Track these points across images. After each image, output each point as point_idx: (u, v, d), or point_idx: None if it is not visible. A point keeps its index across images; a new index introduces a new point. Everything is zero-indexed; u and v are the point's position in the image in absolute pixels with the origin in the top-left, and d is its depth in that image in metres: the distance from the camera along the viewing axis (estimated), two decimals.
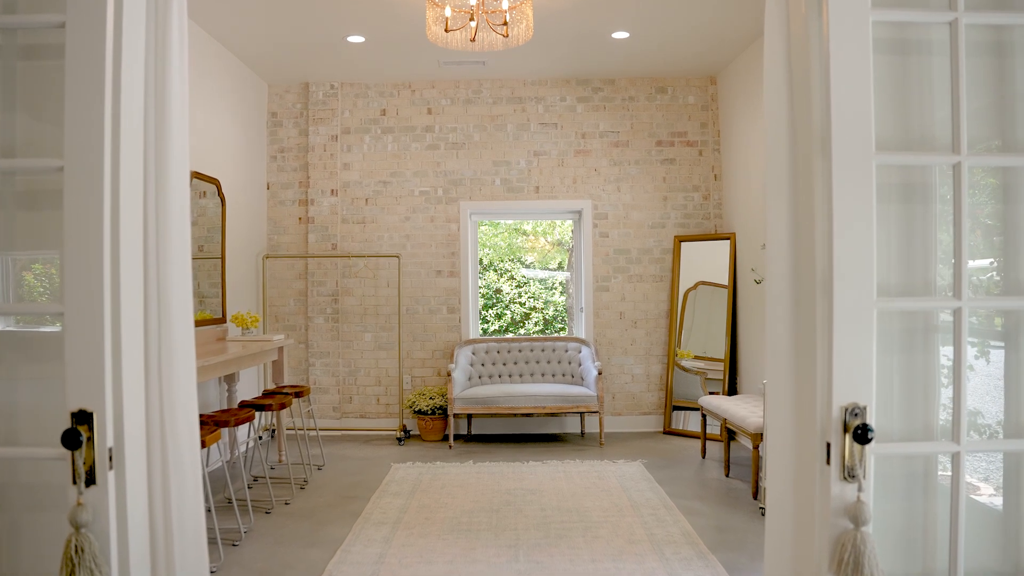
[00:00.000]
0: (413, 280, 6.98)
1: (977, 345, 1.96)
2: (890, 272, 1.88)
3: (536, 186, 7.00)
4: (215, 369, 4.53)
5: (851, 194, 1.74)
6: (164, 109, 1.93)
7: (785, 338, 1.90)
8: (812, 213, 1.81)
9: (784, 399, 1.89)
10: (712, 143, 6.97)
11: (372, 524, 4.22)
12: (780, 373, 1.91)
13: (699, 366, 6.67)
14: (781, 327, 1.91)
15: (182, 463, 2.05)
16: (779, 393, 1.89)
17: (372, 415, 6.94)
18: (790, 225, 1.90)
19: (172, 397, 2.03)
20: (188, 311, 2.06)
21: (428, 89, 7.00)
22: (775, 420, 1.92)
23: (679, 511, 4.39)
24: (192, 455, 2.08)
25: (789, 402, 1.90)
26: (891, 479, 1.89)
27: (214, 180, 5.76)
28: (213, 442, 3.73)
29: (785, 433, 1.91)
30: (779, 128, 1.95)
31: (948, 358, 1.82)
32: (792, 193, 1.90)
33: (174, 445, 2.03)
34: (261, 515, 4.42)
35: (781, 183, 1.93)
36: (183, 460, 2.05)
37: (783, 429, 1.91)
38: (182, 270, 2.05)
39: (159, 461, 2.00)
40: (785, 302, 1.91)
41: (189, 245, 2.08)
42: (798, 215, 1.89)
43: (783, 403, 1.89)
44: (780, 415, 1.90)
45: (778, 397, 1.89)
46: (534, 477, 5.22)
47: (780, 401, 1.89)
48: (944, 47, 1.81)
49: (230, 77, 6.18)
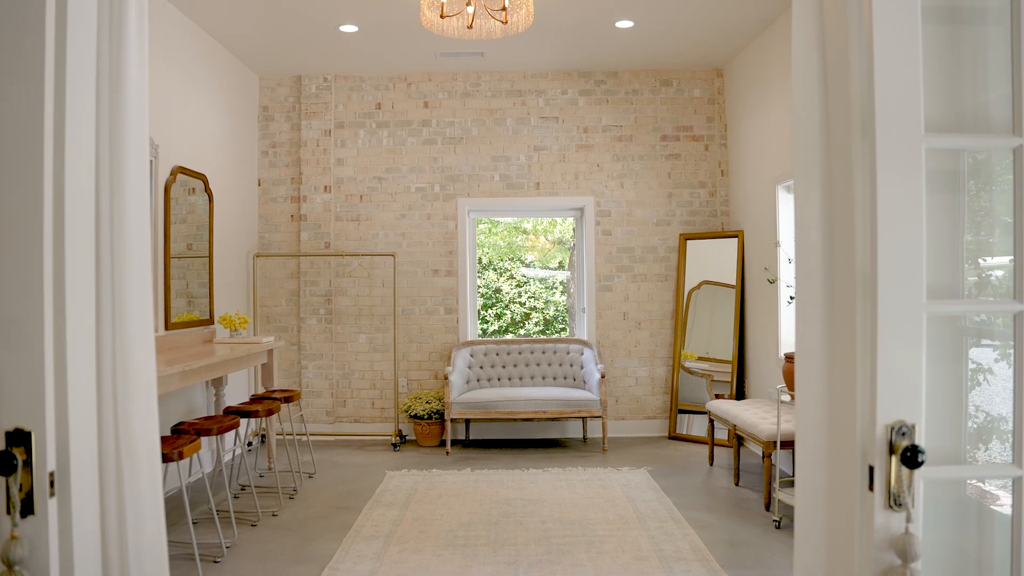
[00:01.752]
0: (409, 280, 6.76)
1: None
2: (937, 272, 1.67)
3: (536, 182, 6.77)
4: (198, 374, 4.31)
5: (897, 181, 1.52)
6: (120, 88, 1.71)
7: (818, 346, 1.67)
8: (851, 204, 1.57)
9: (816, 415, 1.66)
10: (719, 138, 6.75)
11: (363, 538, 3.99)
12: (812, 385, 1.68)
13: (705, 368, 6.45)
14: (813, 333, 1.68)
15: (140, 487, 1.83)
16: (811, 408, 1.66)
17: (366, 420, 6.72)
18: (823, 218, 1.67)
19: (129, 413, 1.81)
20: (147, 315, 1.83)
21: (425, 82, 6.77)
22: (806, 438, 1.69)
23: (688, 523, 4.16)
24: (152, 478, 1.86)
25: (822, 418, 1.66)
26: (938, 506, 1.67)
27: (201, 176, 5.54)
28: (192, 452, 3.50)
29: (817, 453, 1.68)
30: (810, 110, 1.72)
31: (982, 364, 1.62)
32: (826, 182, 1.67)
33: (131, 467, 1.81)
34: (246, 528, 4.20)
35: (812, 171, 1.70)
36: (141, 484, 1.83)
37: (815, 448, 1.68)
38: (141, 269, 1.82)
39: (113, 485, 1.77)
40: (818, 305, 1.67)
41: (149, 242, 1.86)
42: (833, 207, 1.66)
43: (815, 419, 1.66)
44: (811, 433, 1.67)
45: (809, 412, 1.66)
46: (535, 486, 4.99)
47: (812, 417, 1.66)
48: (1002, 15, 1.59)
49: (219, 69, 5.95)
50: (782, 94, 5.45)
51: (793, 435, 4.27)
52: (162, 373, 3.82)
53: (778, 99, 5.53)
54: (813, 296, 1.67)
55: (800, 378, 1.69)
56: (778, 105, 5.53)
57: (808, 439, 1.66)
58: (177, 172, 5.11)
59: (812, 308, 1.67)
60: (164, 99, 5.01)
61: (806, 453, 1.67)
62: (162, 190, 4.95)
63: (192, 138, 5.49)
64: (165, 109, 5.02)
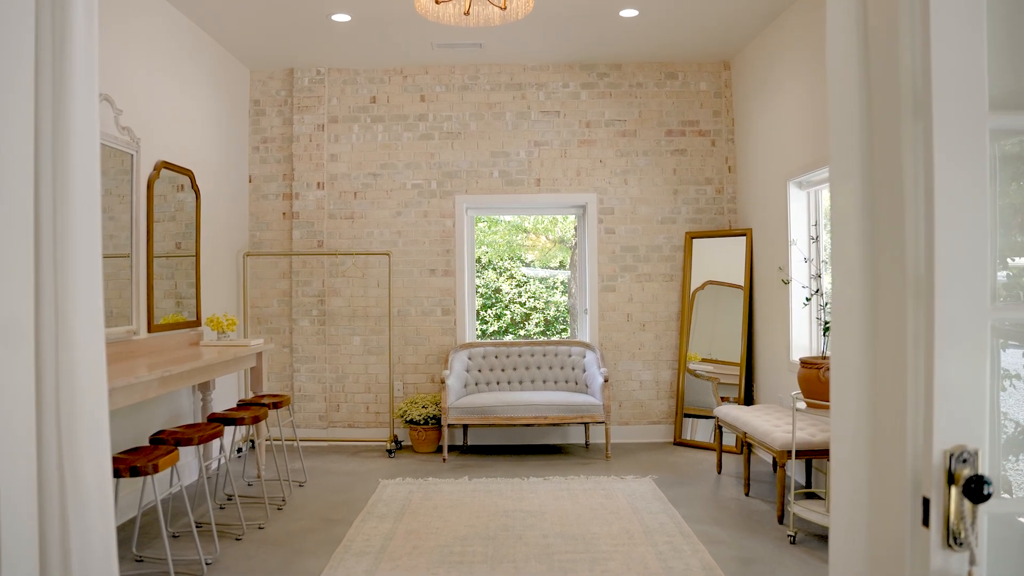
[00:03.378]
0: (405, 279, 6.53)
1: None
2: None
3: (537, 178, 6.54)
4: (179, 379, 4.08)
5: (959, 167, 1.28)
6: (65, 55, 1.48)
7: (858, 357, 1.44)
8: (899, 194, 1.34)
9: (855, 437, 1.43)
10: (726, 133, 6.51)
11: (353, 554, 3.76)
12: (850, 402, 1.45)
13: (711, 371, 6.22)
14: (851, 342, 1.45)
15: (88, 522, 1.61)
16: (848, 427, 1.43)
17: (361, 425, 6.49)
18: (864, 211, 1.44)
19: (75, 437, 1.59)
20: (97, 320, 1.61)
21: (421, 75, 6.54)
22: (842, 464, 1.46)
23: (697, 538, 3.93)
24: (103, 510, 1.64)
25: (862, 441, 1.43)
26: (1001, 543, 1.45)
27: (187, 171, 5.31)
28: (168, 465, 3.28)
29: (856, 481, 1.45)
30: (847, 86, 1.48)
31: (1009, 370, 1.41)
32: (867, 170, 1.44)
33: (76, 497, 1.59)
34: (230, 542, 3.97)
35: (850, 158, 1.46)
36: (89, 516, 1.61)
37: (853, 476, 1.45)
38: (90, 272, 1.60)
39: (56, 520, 1.55)
40: (857, 310, 1.44)
41: (100, 239, 1.63)
42: (877, 198, 1.42)
43: (854, 443, 1.43)
44: (850, 457, 1.44)
45: (847, 434, 1.43)
46: (535, 496, 4.76)
47: (850, 440, 1.43)
48: None
49: (208, 62, 5.72)
50: (793, 87, 5.22)
51: (808, 445, 4.04)
52: (140, 379, 3.59)
53: (788, 92, 5.30)
54: (852, 300, 1.44)
55: (837, 394, 1.47)
56: (789, 98, 5.30)
57: (845, 463, 1.43)
58: (161, 167, 4.88)
59: (850, 313, 1.44)
60: (147, 91, 4.78)
61: (843, 481, 1.44)
62: (144, 185, 4.73)
63: (178, 132, 5.26)
64: (148, 102, 4.80)
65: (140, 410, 4.56)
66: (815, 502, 4.12)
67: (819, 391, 3.85)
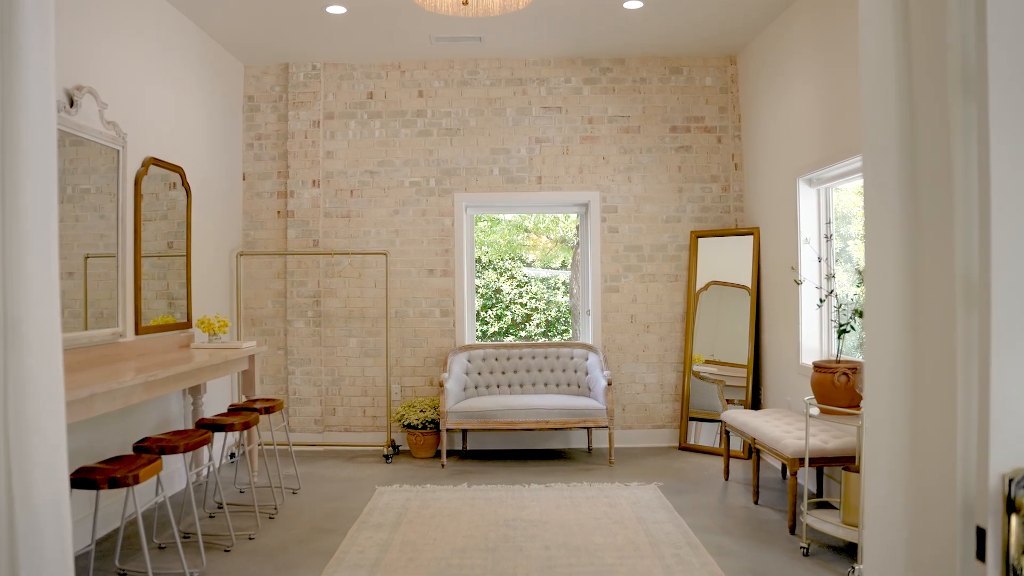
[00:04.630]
0: (403, 280, 6.37)
1: None
2: None
3: (538, 176, 6.38)
4: (167, 384, 3.92)
5: (1017, 152, 1.12)
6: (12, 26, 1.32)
7: (897, 367, 1.27)
8: (946, 185, 1.17)
9: (893, 456, 1.26)
10: (732, 129, 6.35)
11: (346, 567, 3.60)
12: (886, 417, 1.28)
13: (716, 373, 6.05)
14: (888, 348, 1.28)
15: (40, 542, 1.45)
16: (885, 447, 1.26)
17: (357, 429, 6.33)
18: (904, 204, 1.27)
19: (25, 454, 1.42)
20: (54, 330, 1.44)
21: (419, 70, 6.38)
22: (878, 487, 1.29)
23: (706, 550, 3.77)
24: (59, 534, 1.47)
25: (901, 462, 1.26)
26: None
27: (178, 168, 5.15)
28: (151, 475, 3.12)
29: (894, 505, 1.28)
30: (883, 63, 1.30)
31: None
32: (907, 157, 1.26)
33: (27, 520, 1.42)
34: (219, 553, 3.81)
35: (887, 144, 1.29)
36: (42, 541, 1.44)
37: (890, 499, 1.28)
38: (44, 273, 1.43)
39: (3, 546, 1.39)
40: (895, 313, 1.27)
41: (56, 234, 1.46)
42: (919, 189, 1.25)
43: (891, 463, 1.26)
44: (886, 478, 1.28)
45: (883, 453, 1.26)
46: (536, 505, 4.60)
47: (886, 459, 1.26)
48: None
49: (201, 57, 5.56)
50: (803, 81, 5.06)
51: (821, 452, 3.87)
52: (123, 384, 3.44)
53: (798, 86, 5.13)
54: (888, 302, 1.27)
55: (871, 409, 1.30)
56: (798, 93, 5.13)
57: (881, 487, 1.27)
58: (149, 163, 4.72)
59: (886, 317, 1.27)
60: (135, 86, 4.62)
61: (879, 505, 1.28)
62: (131, 182, 4.57)
63: (168, 128, 5.10)
64: (136, 96, 4.64)
65: (126, 416, 4.40)
66: (828, 512, 3.96)
67: (834, 396, 3.69)
